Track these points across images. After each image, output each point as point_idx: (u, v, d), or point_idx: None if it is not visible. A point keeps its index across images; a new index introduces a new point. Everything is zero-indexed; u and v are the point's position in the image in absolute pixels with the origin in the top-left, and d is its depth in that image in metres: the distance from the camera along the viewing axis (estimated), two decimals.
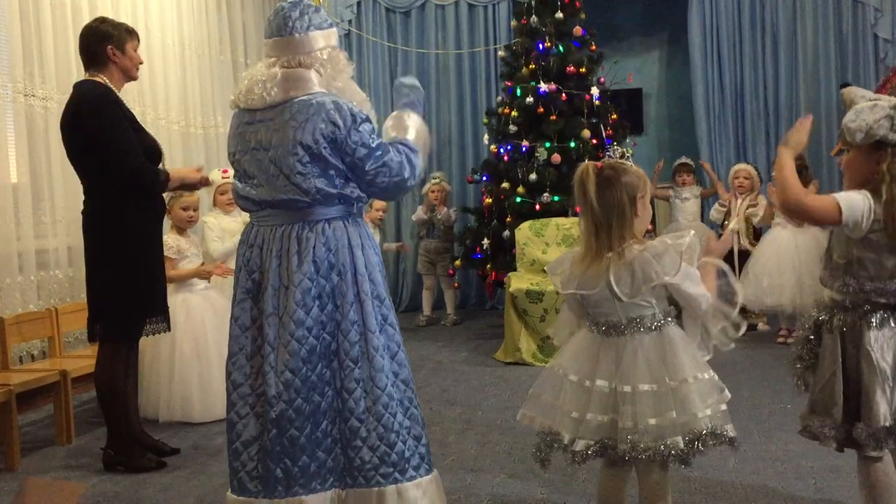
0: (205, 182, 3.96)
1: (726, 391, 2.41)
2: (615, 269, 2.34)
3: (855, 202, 2.35)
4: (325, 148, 2.55)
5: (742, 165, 6.69)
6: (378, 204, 6.74)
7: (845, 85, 2.64)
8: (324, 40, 2.66)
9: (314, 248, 2.59)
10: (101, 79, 3.64)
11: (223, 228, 5.00)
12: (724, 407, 2.37)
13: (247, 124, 2.66)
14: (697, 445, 2.29)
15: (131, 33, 3.75)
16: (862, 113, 2.39)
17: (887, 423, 2.36)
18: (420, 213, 7.26)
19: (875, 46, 7.29)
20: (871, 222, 2.34)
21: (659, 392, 2.32)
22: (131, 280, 3.63)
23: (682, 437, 2.29)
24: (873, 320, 2.38)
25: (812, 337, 2.53)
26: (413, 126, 2.76)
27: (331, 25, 2.71)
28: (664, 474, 2.42)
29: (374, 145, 2.59)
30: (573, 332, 2.57)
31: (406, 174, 2.65)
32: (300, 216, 2.62)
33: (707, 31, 7.54)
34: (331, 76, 2.65)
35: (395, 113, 2.81)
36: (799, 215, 2.47)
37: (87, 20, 5.09)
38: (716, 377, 2.40)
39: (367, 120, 2.62)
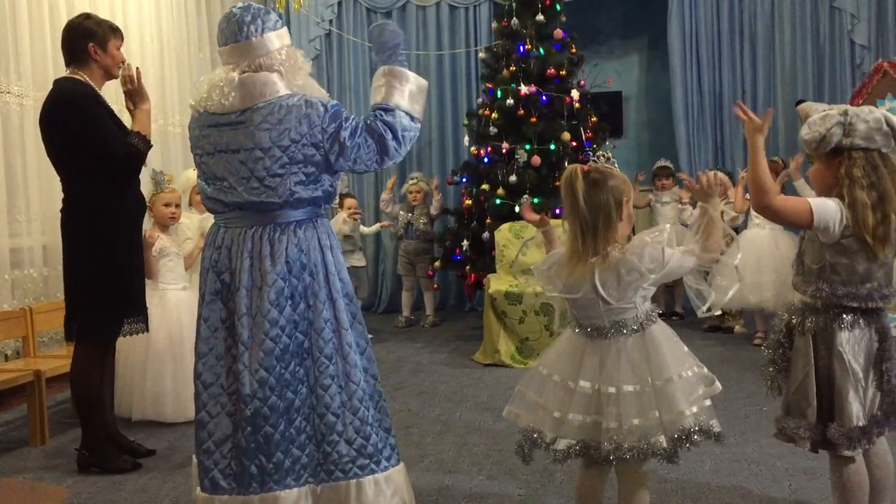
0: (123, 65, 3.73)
1: (717, 383, 2.42)
2: (601, 274, 2.36)
3: (827, 207, 2.40)
4: (304, 146, 2.57)
5: (713, 172, 6.72)
6: (349, 202, 6.71)
7: (800, 102, 2.71)
8: (279, 40, 2.68)
9: (287, 249, 2.63)
10: (81, 76, 3.61)
11: (196, 228, 4.95)
12: (708, 402, 2.39)
13: (210, 127, 2.66)
14: (685, 443, 2.31)
15: (115, 31, 3.71)
16: (814, 125, 2.48)
17: (860, 423, 2.40)
18: (388, 202, 7.26)
19: (851, 52, 7.38)
20: (843, 227, 2.40)
21: (642, 392, 2.34)
22: (110, 279, 3.59)
23: (664, 436, 2.31)
24: (844, 322, 2.42)
25: (784, 340, 2.56)
26: (402, 88, 2.71)
27: (282, 26, 2.74)
28: (643, 467, 2.44)
29: (349, 129, 2.61)
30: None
31: (389, 145, 2.65)
32: (270, 218, 2.64)
33: (686, 36, 7.60)
34: (291, 75, 2.67)
35: (380, 73, 2.75)
36: (772, 216, 2.52)
37: (64, 17, 5.07)
38: (703, 371, 2.42)
39: (337, 106, 2.64)
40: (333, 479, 2.66)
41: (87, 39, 3.60)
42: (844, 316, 2.42)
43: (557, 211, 6.25)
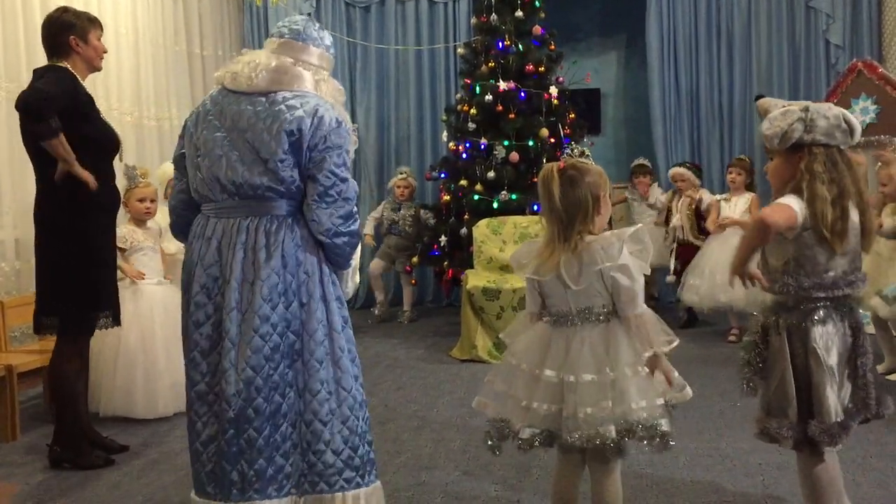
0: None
1: (687, 388, 2.45)
2: (565, 258, 2.40)
3: (795, 203, 2.41)
4: (305, 140, 2.49)
5: (676, 169, 6.76)
6: None
7: (760, 97, 2.72)
8: (324, 60, 2.70)
9: (283, 242, 2.53)
10: (64, 64, 3.58)
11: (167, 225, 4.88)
12: (661, 401, 2.38)
13: (229, 104, 2.58)
14: (628, 437, 2.32)
15: (94, 22, 3.69)
16: (775, 120, 2.49)
17: (839, 419, 2.41)
18: (379, 210, 7.22)
19: (826, 52, 7.45)
20: (804, 220, 2.41)
21: (598, 382, 2.35)
22: (85, 272, 3.56)
23: (614, 427, 2.32)
24: (816, 317, 2.43)
25: (759, 341, 2.55)
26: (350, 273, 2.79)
27: (333, 54, 2.77)
28: (614, 462, 2.46)
29: (346, 153, 2.56)
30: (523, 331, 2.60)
31: (354, 208, 2.60)
32: (267, 209, 2.55)
33: (664, 35, 7.64)
34: (324, 87, 2.66)
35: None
36: (777, 231, 2.44)
37: (37, 7, 5.01)
38: (674, 374, 2.43)
39: (345, 135, 2.57)
40: (317, 491, 2.54)
41: (67, 32, 3.58)
42: (817, 312, 2.44)
43: (536, 207, 6.26)
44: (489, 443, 2.50)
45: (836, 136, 2.44)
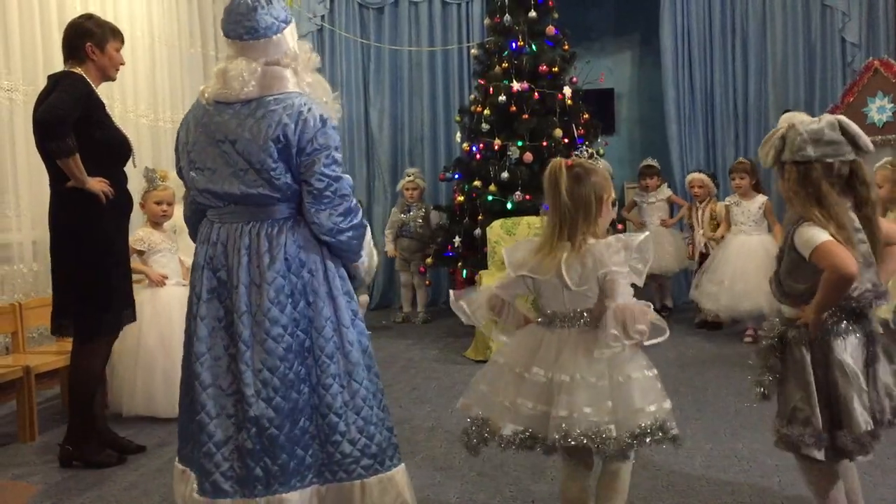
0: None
1: (669, 401, 2.43)
2: (567, 259, 2.39)
3: (822, 232, 2.35)
4: (292, 147, 2.53)
5: (695, 175, 6.70)
6: None
7: (786, 111, 2.69)
8: (292, 38, 2.66)
9: (285, 245, 2.58)
10: (78, 71, 3.62)
11: (180, 227, 4.91)
12: (667, 405, 2.38)
13: (213, 115, 2.60)
14: (643, 439, 2.30)
15: (115, 33, 3.75)
16: (765, 141, 2.49)
17: (869, 428, 2.36)
18: (391, 218, 7.26)
19: (842, 50, 7.41)
20: None
21: (598, 384, 2.33)
22: (101, 276, 3.61)
23: (614, 426, 2.29)
24: (838, 330, 2.39)
25: (775, 346, 2.49)
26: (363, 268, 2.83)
27: (292, 18, 2.69)
28: (624, 467, 2.45)
29: (335, 152, 2.58)
30: (482, 311, 2.57)
31: (352, 202, 2.64)
32: (268, 214, 2.60)
33: (678, 34, 7.62)
34: (302, 73, 2.65)
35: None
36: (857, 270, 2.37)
37: (54, 10, 5.06)
38: (658, 380, 2.42)
39: (332, 130, 2.59)
40: (338, 479, 2.62)
41: (85, 39, 3.64)
42: (839, 324, 2.39)
43: (546, 208, 6.24)
44: (466, 440, 2.49)
45: (808, 151, 2.37)
